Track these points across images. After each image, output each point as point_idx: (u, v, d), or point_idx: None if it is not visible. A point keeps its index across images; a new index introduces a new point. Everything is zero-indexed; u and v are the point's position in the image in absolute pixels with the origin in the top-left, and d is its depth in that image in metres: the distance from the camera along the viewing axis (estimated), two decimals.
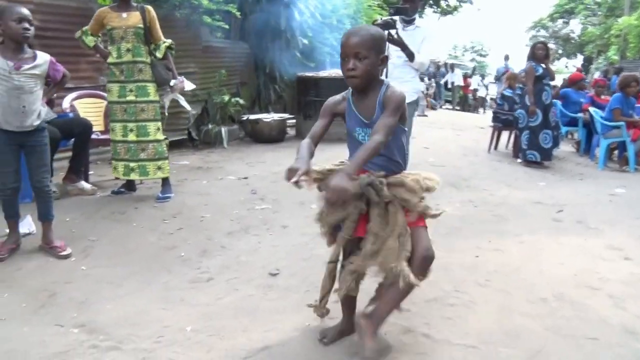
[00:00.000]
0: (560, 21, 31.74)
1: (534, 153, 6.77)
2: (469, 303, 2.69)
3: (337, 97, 2.19)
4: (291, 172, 1.89)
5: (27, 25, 2.99)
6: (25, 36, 3.00)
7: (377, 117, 2.00)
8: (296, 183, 1.88)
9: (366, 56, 1.95)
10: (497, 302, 2.71)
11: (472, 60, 38.24)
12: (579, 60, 32.48)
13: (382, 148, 1.93)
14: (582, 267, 3.19)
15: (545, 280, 2.98)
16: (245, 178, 5.38)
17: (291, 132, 8.88)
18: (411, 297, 2.62)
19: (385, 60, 2.04)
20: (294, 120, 8.86)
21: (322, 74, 8.58)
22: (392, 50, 4.30)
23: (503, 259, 3.33)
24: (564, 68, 32.69)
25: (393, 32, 4.11)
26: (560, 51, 33.42)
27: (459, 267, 3.17)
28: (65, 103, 4.94)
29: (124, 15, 4.16)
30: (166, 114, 4.63)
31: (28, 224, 3.48)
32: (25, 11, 3.02)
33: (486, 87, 19.59)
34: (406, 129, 2.16)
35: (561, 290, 2.83)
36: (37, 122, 3.11)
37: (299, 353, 2.20)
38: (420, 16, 20.84)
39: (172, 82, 4.40)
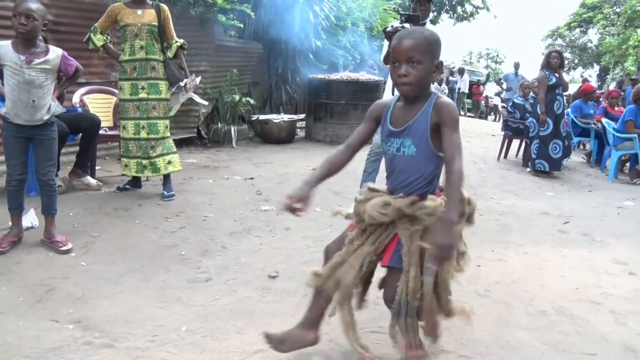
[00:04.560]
0: (577, 30, 31.45)
1: (543, 163, 6.71)
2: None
3: (385, 100, 2.03)
4: (289, 200, 1.81)
5: (23, 20, 2.93)
6: (20, 31, 2.96)
7: (410, 126, 1.84)
8: (292, 211, 1.81)
9: (420, 61, 1.79)
10: (496, 313, 2.69)
11: (487, 67, 38.04)
12: (594, 71, 32.20)
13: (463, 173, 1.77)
14: (584, 281, 3.15)
15: (546, 293, 2.95)
16: (252, 178, 5.38)
17: (301, 133, 8.88)
18: None
19: (440, 66, 1.87)
20: (304, 122, 8.86)
21: (334, 76, 8.58)
22: None
23: (505, 270, 3.30)
24: (579, 78, 32.41)
25: None
26: (576, 61, 33.12)
27: (460, 276, 3.13)
28: (75, 98, 4.97)
29: (139, 12, 4.17)
30: (173, 114, 4.62)
31: (31, 217, 3.50)
32: (24, 5, 2.95)
33: (500, 96, 19.43)
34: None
35: (562, 304, 2.79)
36: (46, 117, 3.12)
37: (292, 357, 2.18)
38: (437, 22, 20.78)
39: (185, 81, 4.40)
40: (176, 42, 4.33)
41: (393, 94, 4.34)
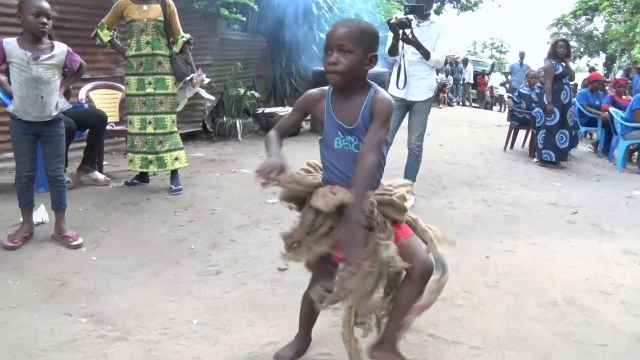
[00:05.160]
0: (583, 18, 31.16)
1: (550, 153, 6.68)
2: (477, 304, 2.67)
3: (315, 91, 1.90)
4: (266, 170, 1.65)
5: (44, 20, 2.99)
6: (42, 30, 3.02)
7: (360, 123, 1.78)
8: (266, 183, 1.66)
9: (351, 50, 1.71)
10: (506, 304, 2.69)
11: (491, 57, 37.78)
12: (600, 59, 31.95)
13: (377, 168, 1.75)
14: (594, 272, 3.15)
15: (555, 284, 2.94)
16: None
17: (306, 126, 8.86)
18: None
19: (374, 60, 1.78)
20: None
21: None
22: (407, 48, 4.28)
23: (514, 261, 3.30)
24: (585, 66, 32.17)
25: (408, 31, 4.09)
26: (582, 49, 32.86)
27: (469, 267, 3.14)
28: (81, 94, 4.99)
29: (145, 7, 4.17)
30: (180, 108, 4.63)
31: (42, 213, 3.53)
32: (44, 4, 3.02)
33: (505, 86, 19.34)
34: (389, 139, 1.96)
35: (572, 295, 2.79)
36: (54, 113, 3.14)
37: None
38: (440, 12, 20.66)
39: (191, 76, 4.40)
40: (182, 37, 4.32)
41: (397, 86, 4.33)
